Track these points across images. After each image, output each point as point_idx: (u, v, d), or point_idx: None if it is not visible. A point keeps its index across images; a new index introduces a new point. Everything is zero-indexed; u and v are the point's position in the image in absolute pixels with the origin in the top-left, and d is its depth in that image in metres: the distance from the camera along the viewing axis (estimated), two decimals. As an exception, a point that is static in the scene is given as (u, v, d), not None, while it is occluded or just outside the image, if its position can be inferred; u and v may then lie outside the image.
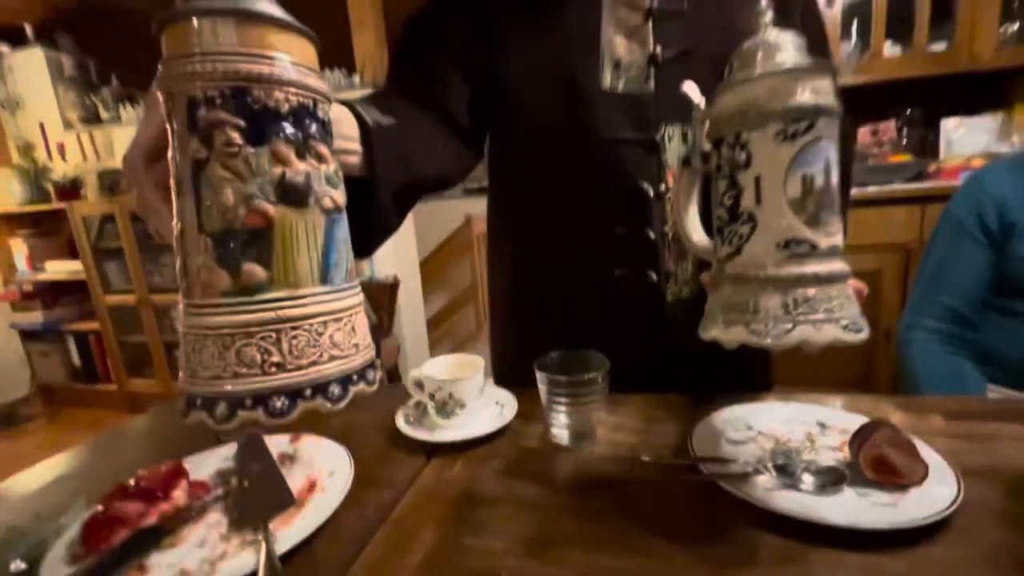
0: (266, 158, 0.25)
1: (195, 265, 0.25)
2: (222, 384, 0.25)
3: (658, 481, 0.47)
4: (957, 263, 0.95)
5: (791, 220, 0.35)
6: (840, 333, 0.34)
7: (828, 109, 0.34)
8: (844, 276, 0.36)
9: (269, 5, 0.25)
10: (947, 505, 0.39)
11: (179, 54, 0.24)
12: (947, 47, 1.78)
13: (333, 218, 0.27)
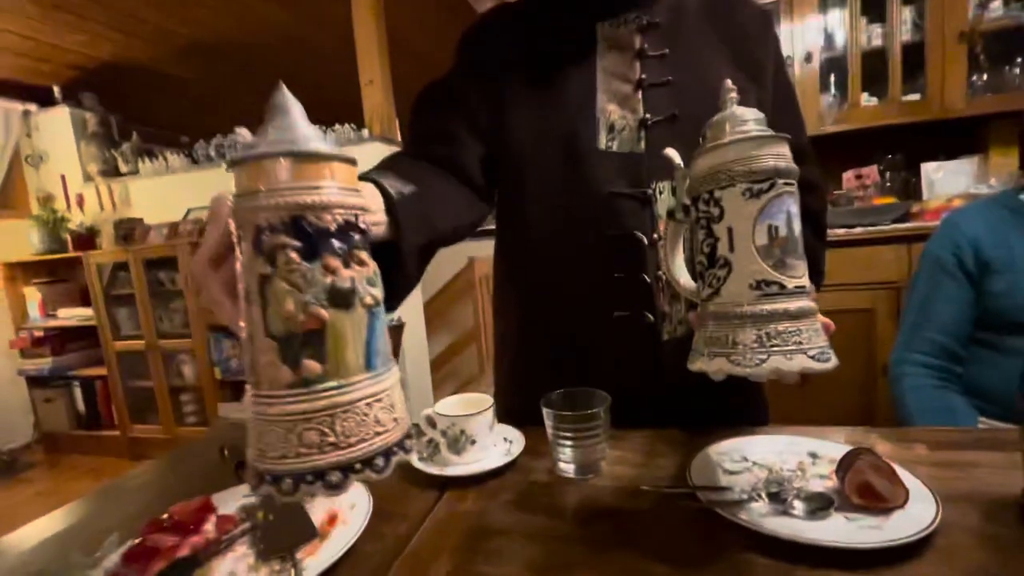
0: (319, 270, 0.29)
1: (262, 362, 0.29)
2: (287, 463, 0.29)
3: (658, 509, 0.50)
4: (939, 300, 1.00)
5: (760, 264, 0.40)
6: (809, 362, 0.38)
7: (786, 171, 0.41)
8: (811, 312, 0.41)
9: (318, 143, 0.31)
10: (927, 525, 0.42)
11: (247, 190, 0.29)
12: (920, 97, 1.89)
13: (374, 312, 0.32)
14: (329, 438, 0.29)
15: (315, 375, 0.29)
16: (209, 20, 3.34)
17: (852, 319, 1.77)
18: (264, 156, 0.29)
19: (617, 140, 0.67)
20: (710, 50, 0.68)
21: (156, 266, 2.80)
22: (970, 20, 1.82)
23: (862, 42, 1.93)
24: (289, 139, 0.30)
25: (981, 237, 0.96)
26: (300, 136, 0.30)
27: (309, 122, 0.31)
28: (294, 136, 0.30)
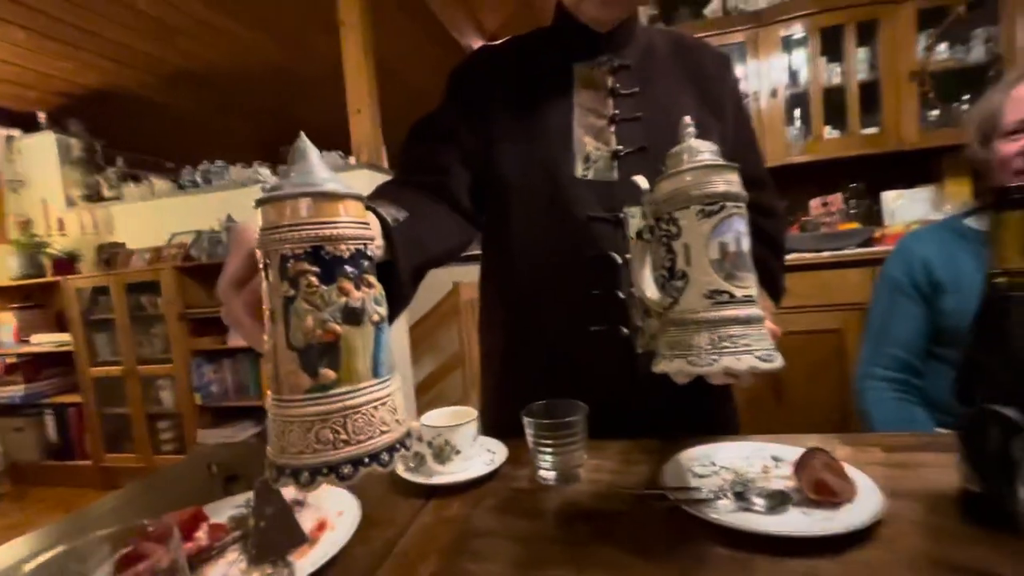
0: (335, 292, 0.34)
1: (284, 371, 0.33)
2: (305, 458, 0.33)
3: (633, 510, 0.54)
4: (897, 317, 1.07)
5: (713, 276, 0.45)
6: (756, 362, 0.43)
7: (735, 195, 0.46)
8: (759, 319, 0.45)
9: (333, 184, 0.35)
10: (872, 516, 0.46)
11: (273, 224, 0.34)
12: (878, 130, 2.03)
13: (379, 327, 0.36)
14: (342, 436, 0.33)
15: (330, 381, 0.33)
16: (198, 50, 3.41)
17: (823, 339, 1.85)
18: (288, 196, 0.34)
19: (592, 169, 0.73)
20: (676, 89, 0.75)
21: (138, 290, 2.78)
22: (919, 61, 1.97)
23: (822, 80, 2.07)
24: (309, 181, 0.34)
25: (932, 259, 1.04)
26: (318, 178, 0.35)
27: (325, 164, 0.36)
28: (313, 178, 0.35)
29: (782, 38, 2.09)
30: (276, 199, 0.34)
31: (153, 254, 2.90)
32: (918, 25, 1.96)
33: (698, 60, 0.78)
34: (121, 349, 2.77)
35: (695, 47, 0.80)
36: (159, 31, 3.12)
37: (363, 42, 2.74)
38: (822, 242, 1.92)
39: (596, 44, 0.74)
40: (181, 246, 2.88)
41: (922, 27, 1.98)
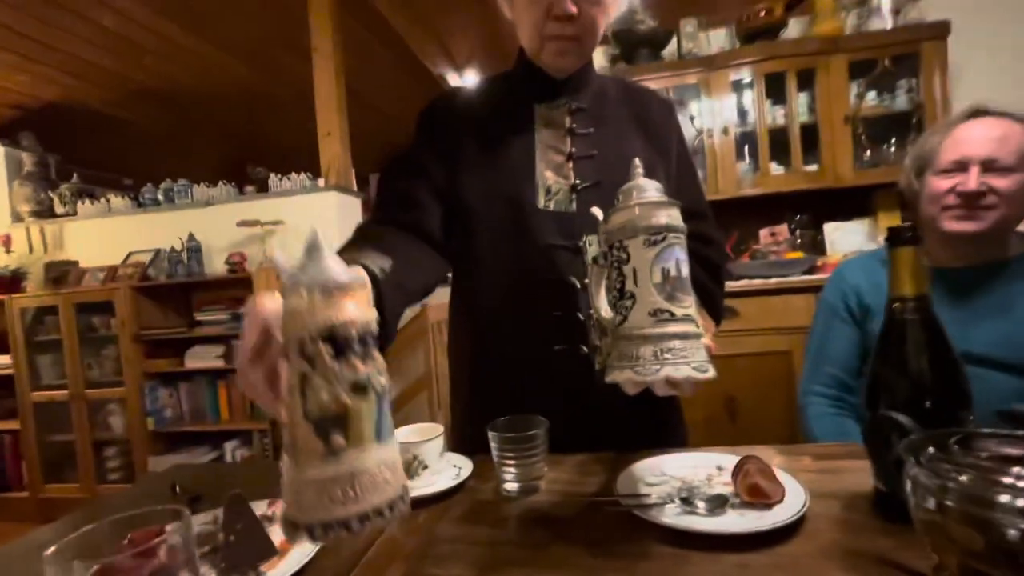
0: (345, 369, 0.37)
1: (300, 438, 0.38)
2: (319, 515, 0.37)
3: (588, 516, 0.58)
4: (833, 339, 1.16)
5: (656, 297, 0.51)
6: (692, 372, 0.49)
7: (676, 227, 0.53)
8: (697, 335, 0.52)
9: (344, 276, 0.40)
10: (795, 513, 0.52)
11: (294, 310, 0.39)
12: (817, 168, 2.21)
13: (381, 396, 0.41)
14: (351, 495, 0.37)
15: (340, 447, 0.38)
16: (165, 69, 3.38)
17: (773, 360, 1.96)
18: (306, 286, 0.39)
19: (553, 201, 0.79)
20: (626, 130, 0.83)
21: (90, 310, 2.67)
22: (851, 107, 2.17)
23: (768, 120, 2.24)
24: (323, 272, 0.39)
25: (861, 285, 1.14)
26: (332, 270, 0.40)
27: (336, 256, 0.41)
28: (327, 269, 0.40)
29: (732, 81, 2.27)
30: (296, 288, 0.39)
31: (108, 273, 2.80)
32: (850, 75, 2.17)
33: (645, 105, 0.87)
34: (68, 372, 2.64)
35: (642, 93, 0.89)
36: (125, 49, 3.08)
37: (335, 68, 2.80)
38: (771, 269, 2.05)
39: (555, 88, 0.82)
40: (138, 265, 2.79)
41: (853, 77, 2.19)
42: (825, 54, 2.17)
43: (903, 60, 2.17)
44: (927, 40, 2.12)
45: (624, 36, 2.35)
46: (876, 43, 2.16)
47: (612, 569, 0.48)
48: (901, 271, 0.54)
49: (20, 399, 2.70)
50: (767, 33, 2.27)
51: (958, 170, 0.97)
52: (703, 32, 2.41)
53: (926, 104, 2.12)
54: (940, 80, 2.11)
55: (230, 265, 2.65)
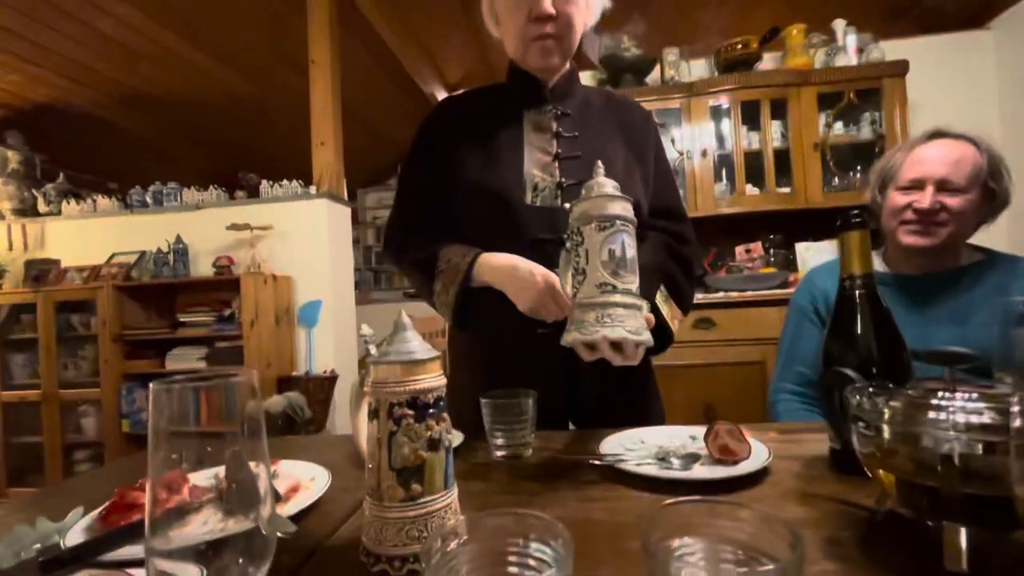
0: (423, 428, 0.46)
1: (385, 485, 0.45)
2: (397, 550, 0.44)
3: (573, 472, 0.63)
4: (803, 339, 1.24)
5: (602, 272, 0.62)
6: (626, 334, 0.60)
7: (625, 217, 0.63)
8: (636, 306, 0.61)
9: (423, 352, 0.48)
10: (763, 462, 0.58)
11: (383, 380, 0.47)
12: (790, 190, 2.34)
13: (448, 450, 0.49)
14: (424, 533, 0.45)
15: (418, 493, 0.46)
16: (160, 76, 3.42)
17: (746, 371, 2.04)
18: (395, 361, 0.47)
19: (540, 197, 0.86)
20: (608, 135, 0.91)
21: (69, 309, 2.63)
22: (820, 135, 2.32)
23: (743, 145, 2.38)
24: (407, 349, 0.48)
25: (829, 289, 1.22)
26: (414, 347, 0.48)
27: (416, 334, 0.50)
28: (410, 347, 0.48)
29: (710, 107, 2.41)
30: (386, 362, 0.47)
31: (90, 272, 2.77)
32: (818, 105, 2.33)
33: (626, 114, 0.95)
34: (41, 371, 2.58)
35: (623, 103, 0.98)
36: (121, 54, 3.12)
37: (331, 80, 2.87)
38: (746, 283, 2.15)
39: (543, 95, 0.90)
40: (122, 266, 2.77)
41: (822, 107, 2.35)
42: (796, 86, 2.33)
43: (867, 94, 2.34)
44: (888, 77, 2.30)
45: (611, 62, 2.48)
46: (842, 77, 2.33)
47: (595, 510, 0.53)
48: (851, 252, 0.61)
49: (-12, 399, 2.63)
50: (743, 64, 2.42)
51: (915, 188, 1.07)
52: (684, 61, 2.56)
53: (887, 135, 2.28)
54: (900, 113, 2.28)
55: (217, 268, 2.65)
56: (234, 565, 0.29)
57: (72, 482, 0.72)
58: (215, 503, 0.58)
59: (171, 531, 0.39)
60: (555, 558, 0.28)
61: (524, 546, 0.29)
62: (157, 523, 0.34)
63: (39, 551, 0.51)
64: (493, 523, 0.30)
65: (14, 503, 0.66)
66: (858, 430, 0.45)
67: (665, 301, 0.83)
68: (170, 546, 0.30)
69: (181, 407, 0.33)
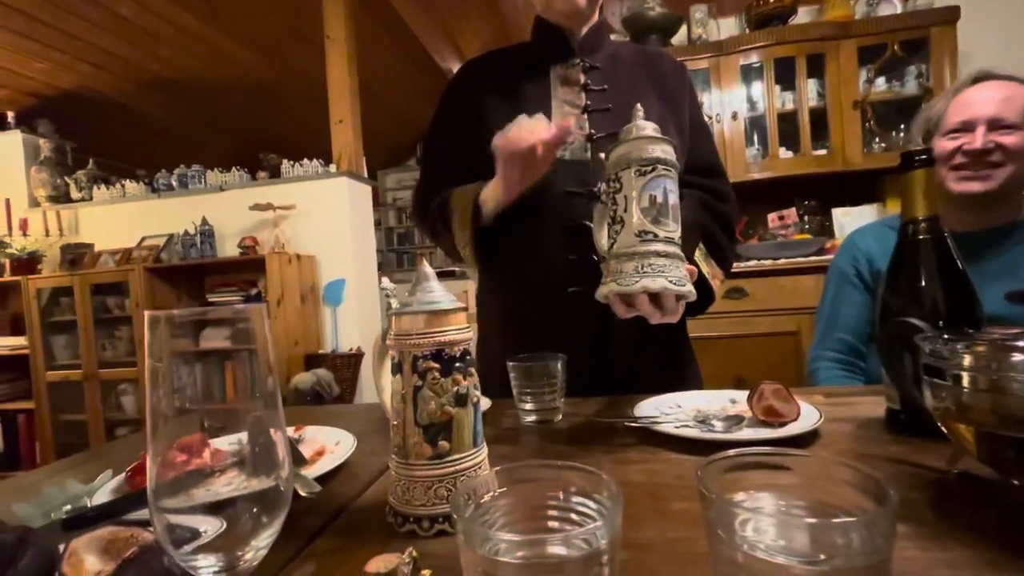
0: (450, 382, 0.43)
1: (411, 442, 0.43)
2: (425, 510, 0.42)
3: (606, 434, 0.60)
4: (844, 305, 1.17)
5: (642, 219, 0.58)
6: (668, 284, 0.56)
7: (667, 161, 0.59)
8: (678, 256, 0.58)
9: (448, 302, 0.45)
10: (813, 424, 0.53)
11: (407, 332, 0.44)
12: (827, 152, 2.22)
13: (476, 406, 0.46)
14: (453, 493, 0.43)
15: (445, 451, 0.43)
16: (179, 59, 3.43)
17: (780, 341, 1.97)
18: (418, 312, 0.44)
19: (569, 151, 0.82)
20: (639, 87, 0.86)
21: (104, 291, 2.71)
22: (861, 92, 2.18)
23: (777, 106, 2.26)
24: (430, 299, 0.45)
25: (873, 252, 1.15)
26: (437, 297, 0.45)
27: (440, 285, 0.47)
28: (433, 297, 0.45)
29: (741, 67, 2.28)
30: (409, 313, 0.45)
31: (122, 255, 2.84)
32: (859, 60, 2.18)
33: (658, 65, 0.89)
34: (82, 352, 2.68)
35: (655, 53, 0.93)
36: (141, 38, 3.13)
37: (347, 56, 2.83)
38: (780, 250, 2.06)
39: (570, 49, 0.86)
40: (152, 248, 2.83)
41: (863, 62, 2.20)
42: (835, 39, 2.18)
43: (912, 45, 2.18)
44: (936, 25, 2.13)
45: (634, 22, 2.37)
46: (885, 28, 2.17)
47: (633, 472, 0.50)
48: (915, 193, 0.55)
49: (35, 379, 2.75)
50: (777, 19, 2.28)
51: (964, 130, 0.98)
52: (712, 19, 2.42)
53: (935, 90, 2.13)
54: (949, 65, 2.12)
55: (242, 248, 2.69)
56: (247, 515, 0.26)
57: (104, 448, 0.72)
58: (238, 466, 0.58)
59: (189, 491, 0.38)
60: (600, 512, 0.25)
61: (565, 499, 0.26)
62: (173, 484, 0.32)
63: (68, 512, 0.51)
64: (529, 474, 0.27)
65: (47, 468, 0.66)
66: (930, 382, 0.40)
67: (705, 259, 0.79)
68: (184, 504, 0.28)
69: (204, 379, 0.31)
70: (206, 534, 0.27)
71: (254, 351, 0.29)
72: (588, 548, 0.22)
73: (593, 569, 0.22)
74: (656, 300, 0.60)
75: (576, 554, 0.22)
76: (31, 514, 0.49)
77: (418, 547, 0.40)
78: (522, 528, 0.25)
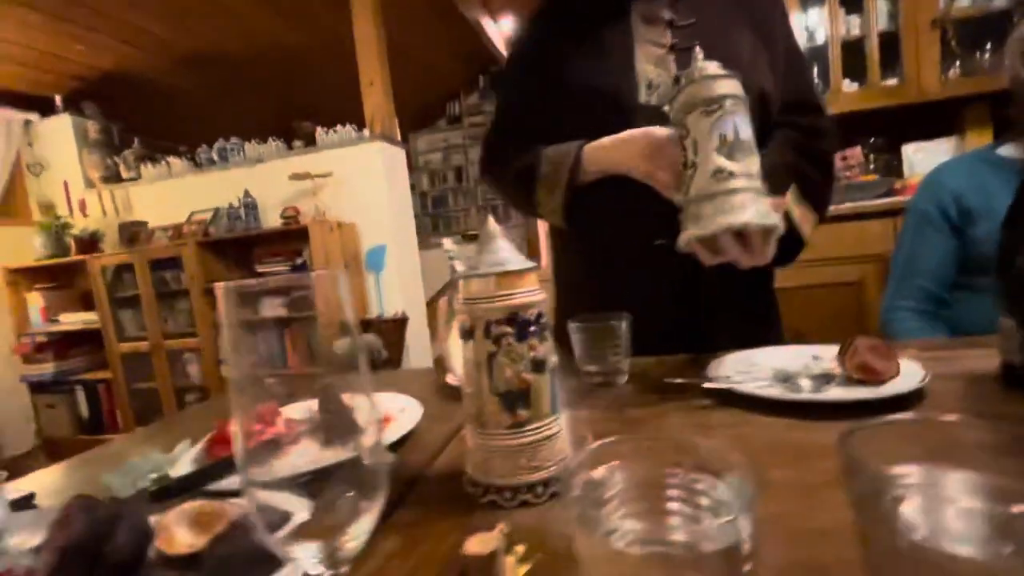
0: (525, 348, 0.41)
1: (488, 411, 0.41)
2: (506, 480, 0.41)
3: (678, 396, 0.56)
4: (925, 250, 1.07)
5: (715, 159, 0.56)
6: (750, 219, 0.53)
7: (733, 95, 0.56)
8: (757, 189, 0.55)
9: (518, 262, 0.42)
10: (918, 382, 0.48)
11: (478, 296, 0.41)
12: (898, 82, 2.00)
13: (554, 372, 0.43)
14: (533, 463, 0.41)
15: (524, 419, 0.41)
16: (209, 32, 3.42)
17: (842, 292, 1.85)
18: (488, 273, 0.41)
19: (655, 95, 0.76)
20: (729, 20, 0.78)
21: (161, 267, 2.83)
22: (941, 9, 1.93)
23: (841, 32, 2.04)
24: (500, 260, 0.42)
25: (962, 189, 1.04)
26: (507, 257, 0.42)
27: (509, 244, 0.43)
28: (503, 257, 0.42)
29: (800, -9, 2.06)
30: (478, 276, 0.42)
31: (174, 231, 2.95)
32: (939, -28, 1.92)
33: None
34: (147, 325, 2.84)
35: None
36: (168, 11, 3.13)
37: (374, 14, 2.74)
38: (844, 193, 1.91)
39: None
40: (200, 223, 2.92)
41: (944, -26, 1.94)
42: (910, -51, 1.93)
43: (1005, -50, 1.90)
44: (1036, -78, 1.84)
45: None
46: (973, -69, 1.89)
47: (717, 437, 0.47)
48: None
49: (109, 351, 2.94)
50: (841, -68, 2.03)
51: None
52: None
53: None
54: (1050, -30, 1.84)
55: (285, 219, 2.73)
56: (342, 498, 0.25)
57: (179, 417, 0.75)
58: (311, 434, 0.58)
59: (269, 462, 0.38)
60: (734, 495, 0.22)
61: (685, 477, 0.23)
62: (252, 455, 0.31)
63: (154, 481, 0.53)
64: (641, 448, 0.24)
65: (131, 437, 0.69)
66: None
67: (796, 203, 0.73)
68: (268, 477, 0.27)
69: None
70: (296, 518, 0.26)
71: (325, 317, 0.26)
72: (727, 540, 0.19)
73: (733, 564, 0.19)
74: (742, 241, 0.57)
75: (713, 547, 0.19)
76: (119, 484, 0.51)
77: (502, 518, 0.38)
78: (641, 513, 0.23)
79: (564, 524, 0.23)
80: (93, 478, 0.58)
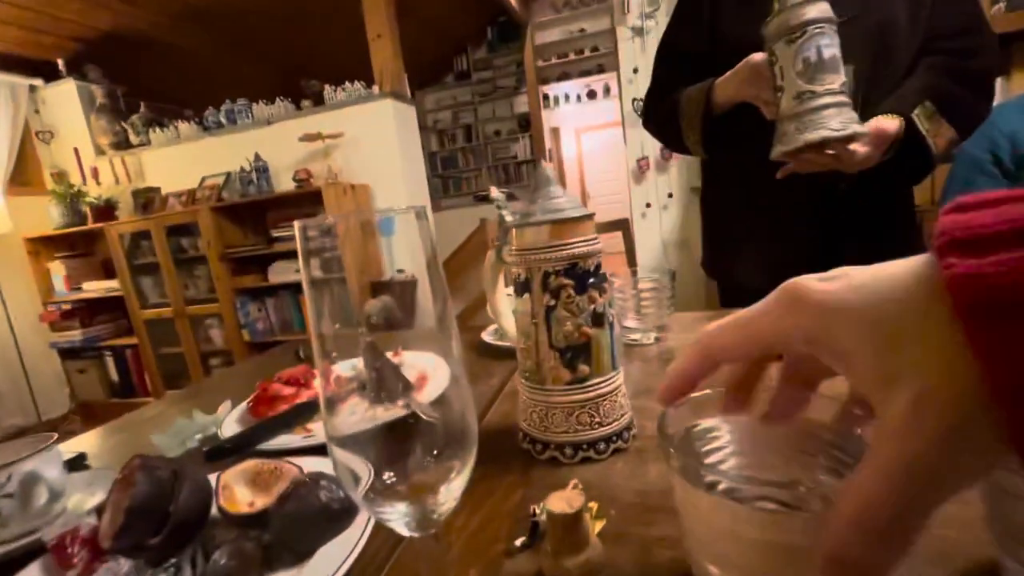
0: (585, 301, 0.39)
1: (547, 366, 0.40)
2: (567, 436, 0.39)
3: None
4: (974, 198, 1.02)
5: (798, 82, 0.61)
6: (828, 133, 0.59)
7: (817, 20, 0.58)
8: (839, 104, 0.58)
9: (574, 210, 0.39)
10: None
11: (532, 246, 0.39)
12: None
13: (612, 326, 0.41)
14: (596, 419, 0.40)
15: (585, 375, 0.39)
16: (205, -17, 3.28)
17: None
18: (544, 221, 0.39)
19: None
20: None
21: (177, 233, 2.83)
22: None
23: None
24: (555, 206, 0.39)
25: (1020, 131, 0.98)
26: (562, 204, 0.39)
27: (563, 189, 0.40)
28: (558, 204, 0.39)
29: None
30: (532, 225, 0.39)
31: (188, 196, 2.93)
32: None
33: None
34: (168, 291, 2.87)
35: None
36: (165, -37, 3.00)
37: (378, -38, 2.60)
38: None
39: None
40: (213, 188, 2.90)
41: None
42: None
43: None
44: None
45: None
46: None
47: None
48: None
49: (133, 317, 3.00)
50: None
51: None
52: None
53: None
54: None
55: (297, 182, 2.69)
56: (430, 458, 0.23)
57: (214, 379, 0.75)
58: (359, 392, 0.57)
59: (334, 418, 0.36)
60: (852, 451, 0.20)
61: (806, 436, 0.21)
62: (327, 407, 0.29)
63: (201, 440, 0.53)
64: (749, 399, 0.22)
65: (168, 399, 0.70)
66: None
67: (929, 117, 0.72)
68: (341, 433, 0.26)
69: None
70: (384, 477, 0.25)
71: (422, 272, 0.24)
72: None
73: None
74: (830, 151, 0.62)
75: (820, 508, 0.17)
76: (168, 443, 0.51)
77: (563, 474, 0.37)
78: (744, 466, 0.21)
79: (667, 474, 0.22)
80: (136, 439, 0.58)
